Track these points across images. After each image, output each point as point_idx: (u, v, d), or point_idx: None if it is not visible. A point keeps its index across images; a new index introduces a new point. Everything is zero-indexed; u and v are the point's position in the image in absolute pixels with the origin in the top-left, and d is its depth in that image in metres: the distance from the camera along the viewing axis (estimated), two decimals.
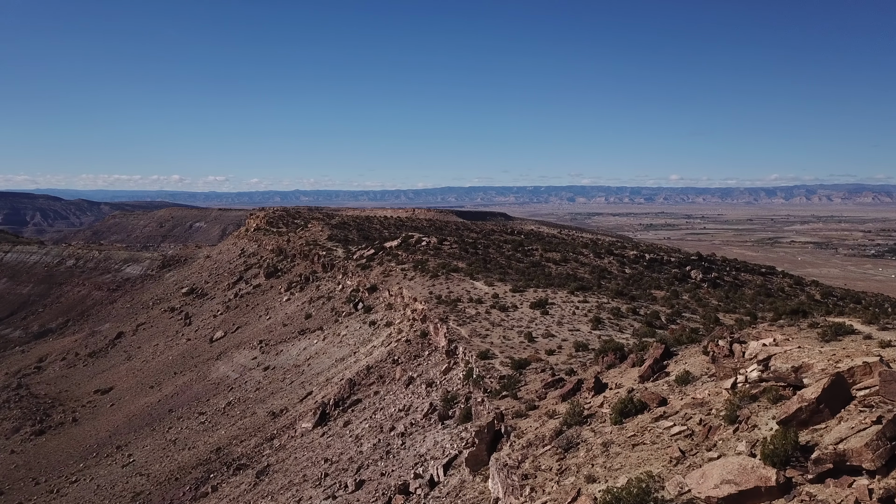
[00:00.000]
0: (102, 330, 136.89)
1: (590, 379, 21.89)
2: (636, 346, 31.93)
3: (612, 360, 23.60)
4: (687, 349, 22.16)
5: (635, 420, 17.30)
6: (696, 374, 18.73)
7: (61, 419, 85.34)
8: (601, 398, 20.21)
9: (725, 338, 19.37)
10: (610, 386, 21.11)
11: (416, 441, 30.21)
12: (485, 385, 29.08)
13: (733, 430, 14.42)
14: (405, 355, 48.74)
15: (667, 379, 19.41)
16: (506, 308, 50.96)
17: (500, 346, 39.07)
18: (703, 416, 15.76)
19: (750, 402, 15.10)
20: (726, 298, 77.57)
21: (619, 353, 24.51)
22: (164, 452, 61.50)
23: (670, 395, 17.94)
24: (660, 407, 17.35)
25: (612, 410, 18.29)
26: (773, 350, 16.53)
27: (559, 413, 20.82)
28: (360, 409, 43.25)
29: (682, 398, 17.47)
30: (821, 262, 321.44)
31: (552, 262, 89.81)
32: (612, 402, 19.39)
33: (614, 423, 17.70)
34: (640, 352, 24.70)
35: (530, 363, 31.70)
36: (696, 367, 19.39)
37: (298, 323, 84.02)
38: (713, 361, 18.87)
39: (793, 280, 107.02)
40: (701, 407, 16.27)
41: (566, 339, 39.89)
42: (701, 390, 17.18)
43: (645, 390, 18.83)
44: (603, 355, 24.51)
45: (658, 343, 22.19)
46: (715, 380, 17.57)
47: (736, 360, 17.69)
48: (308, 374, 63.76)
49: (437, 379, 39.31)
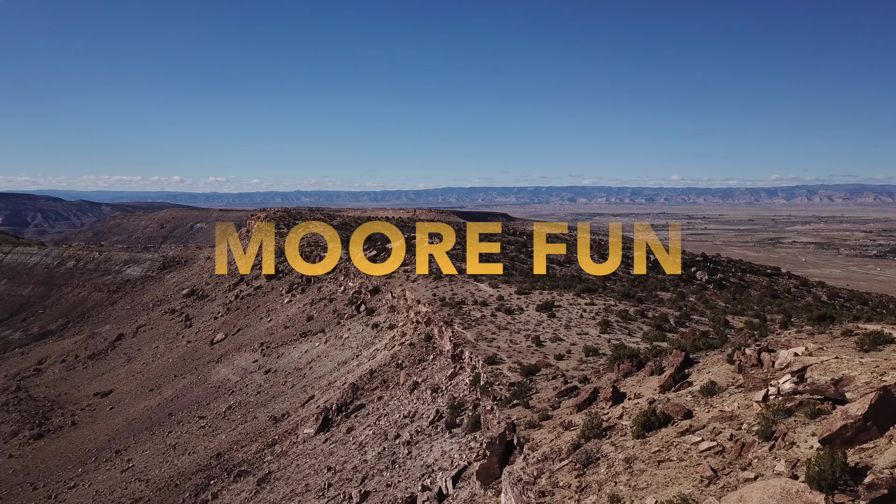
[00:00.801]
0: (102, 332, 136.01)
1: (606, 388, 20.91)
2: (649, 350, 30.98)
3: (628, 367, 22.63)
4: (708, 357, 21.19)
5: (659, 434, 16.32)
6: (721, 384, 17.75)
7: (60, 423, 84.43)
8: (620, 409, 19.24)
9: (752, 346, 18.40)
10: (628, 396, 20.14)
11: (423, 450, 29.26)
12: (493, 392, 28.12)
13: (769, 447, 13.45)
14: (409, 359, 47.79)
15: (690, 389, 18.42)
16: (511, 310, 50.02)
17: (507, 350, 38.13)
18: (733, 431, 14.79)
19: (785, 416, 14.13)
20: (733, 300, 76.66)
21: (635, 360, 23.53)
22: (163, 457, 60.57)
23: (695, 408, 16.96)
24: (685, 420, 16.39)
25: (633, 423, 17.32)
26: (808, 360, 15.58)
27: (575, 424, 19.85)
28: (364, 414, 42.29)
29: (708, 411, 16.49)
30: (823, 262, 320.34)
31: (556, 262, 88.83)
32: (633, 413, 18.42)
33: (636, 436, 16.73)
34: (657, 358, 23.73)
35: (540, 369, 30.73)
36: (720, 377, 18.40)
37: (300, 325, 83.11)
38: (740, 371, 17.89)
39: (799, 281, 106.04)
40: (730, 421, 15.29)
41: (575, 344, 38.94)
42: (729, 402, 16.21)
43: (667, 401, 17.86)
44: (618, 363, 23.53)
45: (678, 350, 21.22)
46: (744, 391, 16.60)
47: (765, 371, 16.73)
48: (310, 378, 62.81)
49: (442, 384, 38.36)
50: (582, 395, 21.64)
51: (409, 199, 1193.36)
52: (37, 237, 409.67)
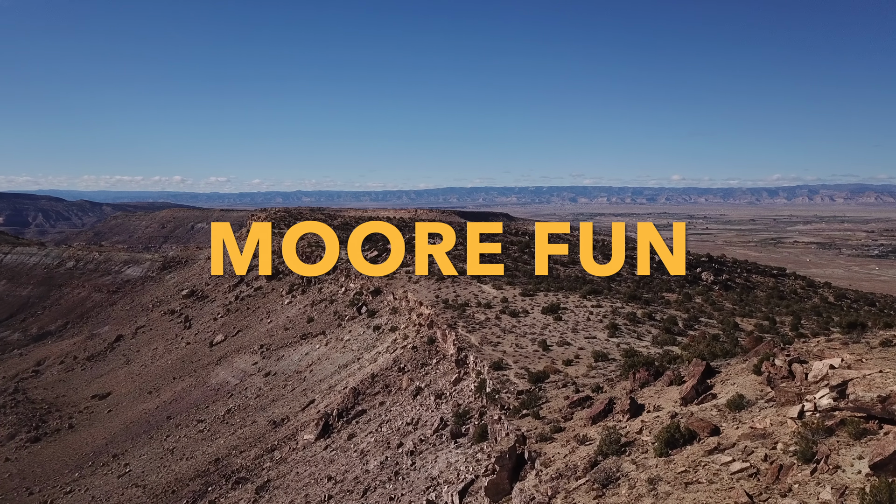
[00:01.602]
0: (101, 333, 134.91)
1: (623, 399, 19.75)
2: (663, 356, 29.80)
3: (645, 377, 21.46)
4: (731, 366, 20.02)
5: (684, 452, 15.16)
6: (749, 397, 16.58)
7: (58, 426, 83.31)
8: (639, 423, 18.07)
9: (781, 356, 17.23)
10: (647, 408, 18.98)
11: (427, 461, 28.10)
12: (501, 401, 26.95)
13: (810, 471, 12.29)
14: (412, 363, 46.61)
15: (715, 402, 17.25)
16: (517, 313, 48.86)
17: (513, 355, 36.97)
18: (767, 451, 13.63)
19: (825, 436, 12.97)
20: (740, 301, 75.44)
21: (651, 368, 22.36)
22: (161, 462, 59.42)
23: (723, 423, 15.79)
24: (712, 437, 15.22)
25: (655, 439, 16.16)
26: (848, 374, 14.42)
27: (591, 438, 18.69)
28: (365, 420, 41.12)
29: (737, 427, 15.32)
30: (825, 262, 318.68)
31: (560, 263, 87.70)
32: (654, 428, 17.26)
33: (659, 454, 15.57)
34: (673, 366, 22.55)
35: (548, 376, 29.57)
36: (748, 390, 17.24)
37: (300, 327, 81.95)
38: (769, 384, 16.72)
39: (805, 282, 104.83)
40: (763, 439, 14.13)
41: (583, 348, 37.77)
42: (760, 418, 15.04)
43: (691, 416, 16.69)
44: (634, 371, 22.35)
45: (698, 359, 20.04)
46: (775, 406, 15.44)
47: (798, 384, 15.57)
48: (310, 381, 61.66)
49: (446, 390, 37.17)
50: (596, 405, 20.47)
51: (410, 199, 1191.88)
52: (38, 237, 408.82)
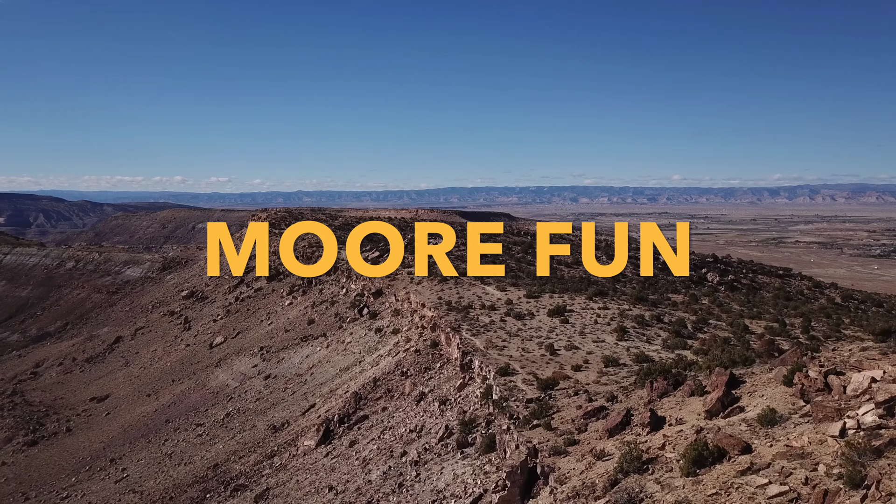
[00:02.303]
0: (101, 334, 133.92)
1: (642, 411, 18.63)
2: (676, 361, 28.69)
3: (663, 386, 20.34)
4: (756, 376, 18.90)
5: (714, 472, 14.04)
6: (782, 412, 15.46)
7: (55, 429, 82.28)
8: (660, 437, 16.95)
9: (814, 367, 16.11)
10: (668, 421, 17.86)
11: (433, 472, 26.99)
12: (509, 409, 25.83)
13: (860, 497, 11.18)
14: (415, 367, 45.49)
15: (743, 416, 16.14)
16: (522, 316, 47.76)
17: (519, 359, 35.86)
18: (808, 474, 12.51)
19: (874, 457, 11.86)
20: (748, 303, 74.25)
21: (669, 376, 21.24)
22: (159, 467, 58.33)
23: (754, 440, 14.68)
24: (744, 455, 14.10)
25: (680, 456, 15.03)
26: (895, 388, 13.32)
27: (609, 453, 17.57)
28: (367, 426, 40.01)
29: (771, 445, 14.21)
30: (826, 262, 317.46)
31: (564, 264, 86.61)
32: (677, 443, 16.13)
33: (686, 473, 14.45)
34: (693, 374, 21.42)
35: (558, 382, 28.45)
36: (779, 403, 16.12)
37: (301, 329, 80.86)
38: (802, 396, 15.61)
39: (812, 283, 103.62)
40: (802, 459, 13.01)
41: (592, 352, 36.66)
42: (796, 436, 13.92)
43: (718, 431, 15.57)
44: (651, 380, 21.24)
45: (721, 368, 18.92)
46: (812, 422, 14.32)
47: (836, 398, 14.47)
48: (311, 385, 60.57)
49: (451, 396, 36.06)
50: (613, 417, 19.35)
51: (410, 199, 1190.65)
52: (39, 237, 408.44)
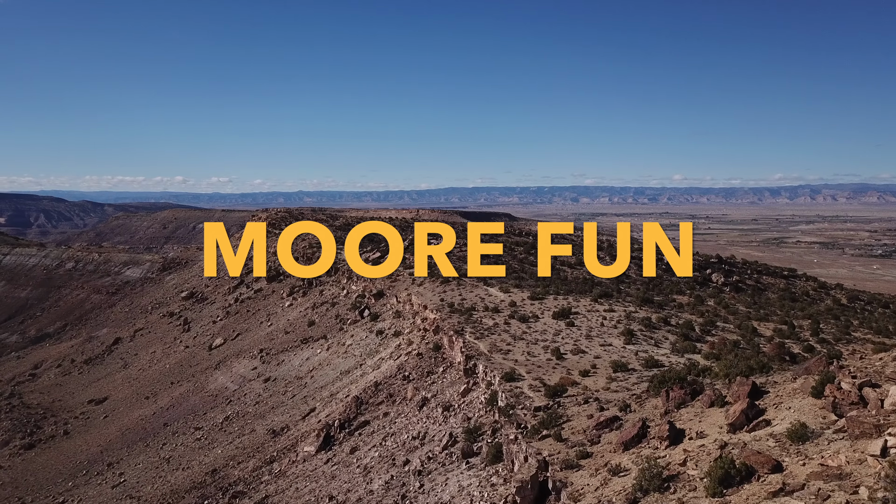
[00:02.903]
0: (100, 335, 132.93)
1: (659, 422, 17.66)
2: (689, 368, 27.73)
3: (680, 395, 19.37)
4: (780, 386, 17.92)
5: (742, 493, 13.06)
6: (813, 426, 14.49)
7: (52, 432, 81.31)
8: (681, 452, 15.97)
9: (847, 378, 15.15)
10: (688, 434, 16.89)
11: (437, 483, 26.02)
12: (517, 418, 24.85)
13: None
14: (417, 371, 44.52)
15: (771, 431, 15.16)
16: (526, 318, 46.79)
17: (525, 364, 34.89)
18: (848, 497, 11.53)
19: None
20: (754, 304, 73.36)
21: (685, 385, 20.26)
22: (156, 472, 57.38)
23: (785, 458, 13.70)
24: (774, 474, 13.13)
25: (705, 475, 14.05)
26: None
27: (625, 468, 16.59)
28: (369, 432, 39.04)
29: (804, 463, 13.23)
30: (828, 262, 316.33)
31: (567, 265, 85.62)
32: (700, 459, 15.14)
33: (712, 493, 13.48)
34: (710, 382, 20.43)
35: (566, 389, 27.48)
36: (808, 416, 15.15)
37: (301, 330, 79.88)
38: (834, 410, 14.65)
39: (817, 283, 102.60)
40: (840, 481, 12.03)
41: (599, 357, 35.68)
42: (832, 454, 12.94)
43: (744, 447, 14.59)
44: (667, 388, 20.26)
45: (742, 378, 17.96)
46: (849, 439, 13.35)
47: (874, 413, 13.51)
48: (311, 388, 59.60)
49: (454, 402, 35.10)
50: (628, 429, 18.38)
51: (411, 199, 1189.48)
52: (40, 238, 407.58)
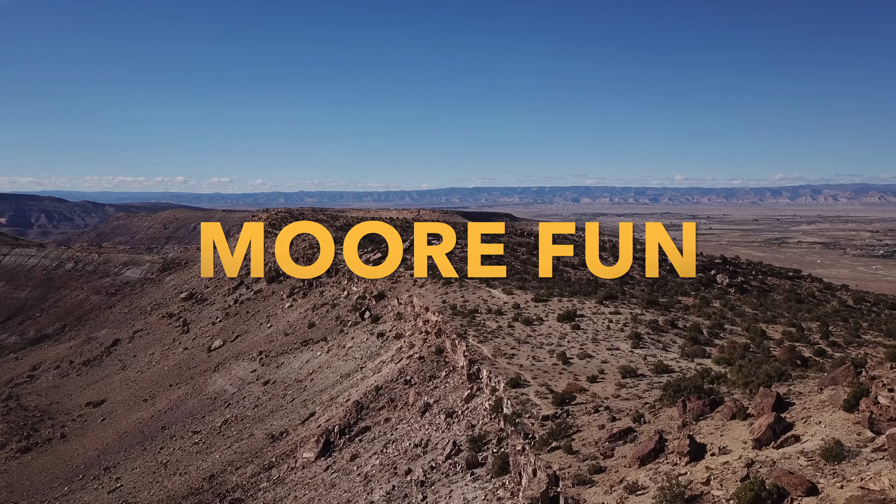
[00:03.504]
0: (98, 337, 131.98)
1: (678, 435, 16.66)
2: (702, 374, 26.72)
3: (698, 406, 18.35)
4: (806, 397, 16.91)
5: None
6: (848, 444, 13.50)
7: (49, 435, 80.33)
8: (703, 469, 14.97)
9: (884, 391, 14.14)
10: (710, 449, 15.89)
11: (441, 495, 25.04)
12: (524, 427, 23.86)
13: None
14: (419, 375, 43.54)
15: (801, 448, 14.16)
16: (531, 321, 45.82)
17: (530, 369, 33.91)
18: None
19: None
20: (760, 306, 72.31)
21: (702, 394, 19.25)
22: (153, 477, 56.42)
23: (820, 479, 12.70)
24: (809, 498, 12.15)
25: (733, 496, 13.06)
26: None
27: (642, 486, 15.59)
28: (369, 439, 38.07)
29: (841, 486, 12.23)
30: (830, 262, 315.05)
31: (570, 266, 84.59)
32: (725, 478, 14.13)
33: None
34: (727, 390, 19.41)
35: (575, 397, 26.49)
36: (841, 432, 14.15)
37: (301, 332, 78.94)
38: (871, 426, 13.65)
39: (822, 285, 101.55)
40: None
41: (607, 361, 34.70)
42: (872, 476, 11.94)
43: (773, 466, 13.59)
44: (683, 399, 19.25)
45: (765, 389, 16.95)
46: (890, 459, 12.34)
47: None
48: (311, 391, 58.63)
49: (458, 408, 34.13)
50: (644, 443, 17.37)
51: (412, 200, 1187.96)
52: (41, 238, 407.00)
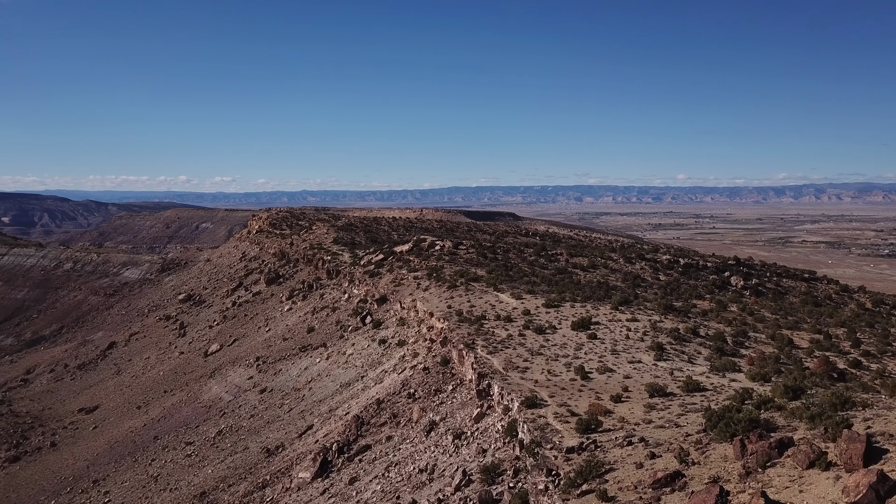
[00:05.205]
0: (94, 339, 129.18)
1: (747, 491, 13.58)
2: (742, 394, 23.62)
3: (762, 449, 15.28)
4: None
5: None
6: None
7: (39, 443, 77.45)
8: None
9: None
10: None
11: None
12: (545, 460, 20.80)
13: None
14: (423, 388, 40.50)
15: None
16: (542, 329, 42.70)
17: (546, 385, 30.83)
18: None
19: None
20: (780, 310, 68.99)
21: (761, 431, 16.20)
22: (143, 492, 53.46)
23: None
24: None
25: None
26: None
27: None
28: (370, 459, 35.04)
29: None
30: (835, 261, 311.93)
31: (579, 268, 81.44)
32: None
33: None
34: (788, 425, 16.32)
35: (601, 422, 23.43)
36: None
37: (300, 337, 75.96)
38: None
39: (839, 287, 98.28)
40: None
41: (630, 377, 31.62)
42: None
43: None
44: (740, 437, 16.21)
45: (851, 432, 13.92)
46: None
47: None
48: (309, 401, 55.61)
49: (467, 428, 31.09)
50: (701, 495, 14.28)
51: (415, 199, 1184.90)
52: (44, 237, 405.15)
